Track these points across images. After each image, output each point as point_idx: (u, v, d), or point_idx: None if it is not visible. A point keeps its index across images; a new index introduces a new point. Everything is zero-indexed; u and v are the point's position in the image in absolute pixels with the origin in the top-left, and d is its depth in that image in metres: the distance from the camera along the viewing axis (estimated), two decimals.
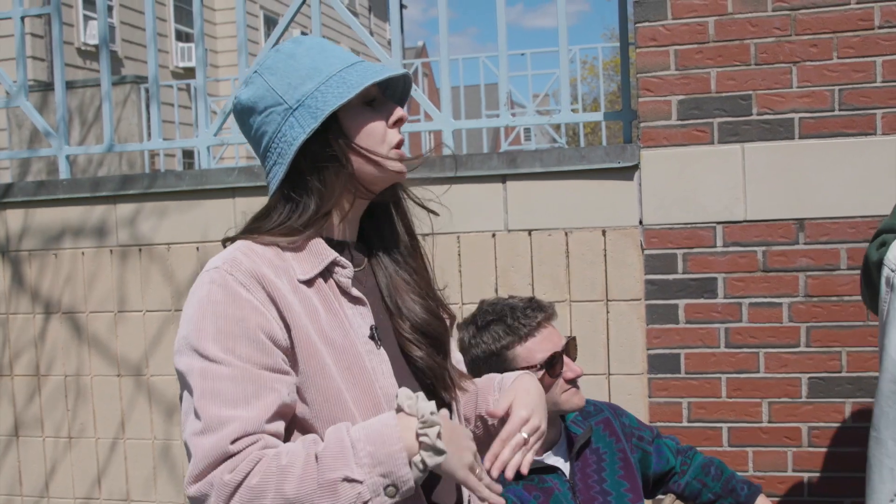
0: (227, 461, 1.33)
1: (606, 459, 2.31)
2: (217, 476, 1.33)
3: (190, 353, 1.41)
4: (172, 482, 3.74)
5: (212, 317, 1.41)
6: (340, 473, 1.32)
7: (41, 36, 12.17)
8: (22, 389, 3.93)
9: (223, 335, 1.40)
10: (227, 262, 1.45)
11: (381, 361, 1.51)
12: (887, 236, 2.08)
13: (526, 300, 2.27)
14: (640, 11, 3.12)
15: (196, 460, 1.35)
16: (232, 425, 1.35)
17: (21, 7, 4.08)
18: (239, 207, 3.56)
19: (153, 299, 3.72)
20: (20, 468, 3.96)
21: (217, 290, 1.43)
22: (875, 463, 1.98)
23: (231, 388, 1.37)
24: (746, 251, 3.08)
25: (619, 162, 3.18)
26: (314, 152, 1.50)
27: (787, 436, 3.10)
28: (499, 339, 2.19)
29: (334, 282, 1.52)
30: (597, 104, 21.08)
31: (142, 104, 9.33)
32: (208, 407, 1.36)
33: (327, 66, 1.51)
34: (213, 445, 1.34)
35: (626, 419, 2.46)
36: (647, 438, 2.45)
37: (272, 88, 1.52)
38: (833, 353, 3.04)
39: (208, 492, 1.33)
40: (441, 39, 3.62)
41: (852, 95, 2.98)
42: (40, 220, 3.86)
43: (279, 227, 1.51)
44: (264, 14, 18.66)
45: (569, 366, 2.22)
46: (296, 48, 1.55)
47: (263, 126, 1.54)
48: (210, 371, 1.38)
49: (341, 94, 1.47)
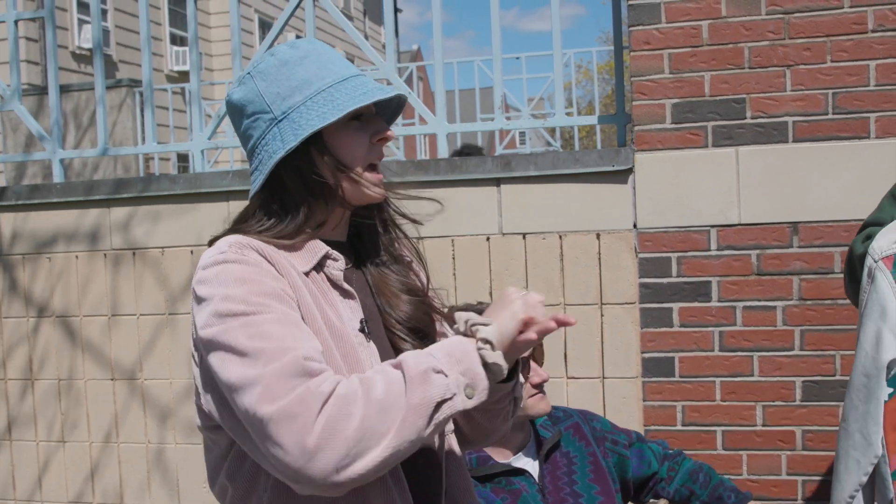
0: (314, 378, 1.31)
1: (577, 463, 2.32)
2: (306, 385, 1.29)
3: (222, 320, 1.36)
4: (166, 486, 3.73)
5: (236, 283, 1.39)
6: (429, 364, 1.33)
7: (35, 40, 12.15)
8: (15, 392, 3.92)
9: (253, 294, 1.38)
10: (233, 246, 1.45)
11: (370, 354, 1.53)
12: (873, 229, 2.09)
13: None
14: (634, 15, 3.13)
15: (269, 384, 1.29)
16: (299, 347, 1.33)
17: (15, 11, 4.07)
18: (233, 211, 3.54)
19: (147, 303, 3.72)
20: (13, 471, 3.95)
21: (234, 266, 1.41)
22: (843, 454, 2.02)
23: (280, 330, 1.35)
24: (740, 255, 3.08)
25: (614, 165, 3.18)
26: (296, 165, 1.51)
27: (782, 439, 3.10)
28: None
29: (325, 275, 1.54)
30: (591, 107, 21.11)
31: (136, 108, 9.32)
32: (263, 345, 1.32)
33: (318, 80, 1.51)
34: (286, 365, 1.30)
35: (598, 424, 2.47)
36: (623, 442, 2.45)
37: (261, 94, 1.52)
38: (827, 357, 3.04)
39: (297, 412, 1.27)
40: (435, 43, 3.62)
41: (846, 99, 2.99)
42: (34, 223, 3.85)
43: (268, 231, 1.52)
44: (259, 17, 18.66)
45: (535, 370, 2.24)
46: (291, 54, 1.55)
47: (250, 129, 1.55)
48: (252, 320, 1.35)
49: (324, 116, 1.47)
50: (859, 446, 1.97)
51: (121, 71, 14.35)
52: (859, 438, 1.98)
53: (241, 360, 1.33)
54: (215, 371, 1.37)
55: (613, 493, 2.33)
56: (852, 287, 2.12)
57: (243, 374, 1.32)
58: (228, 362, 1.34)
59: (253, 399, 1.29)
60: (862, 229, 2.17)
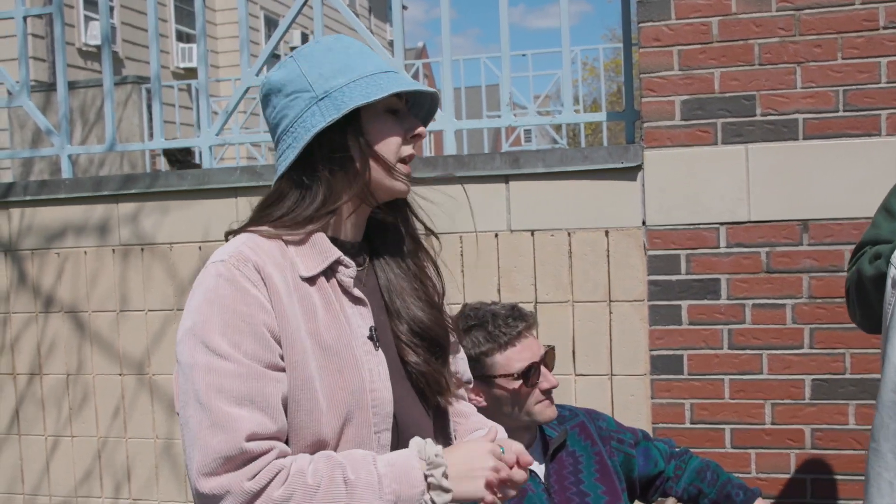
0: (246, 466, 1.34)
1: (583, 462, 2.31)
2: (235, 480, 1.33)
3: (195, 345, 1.41)
4: (174, 480, 3.74)
5: (219, 310, 1.41)
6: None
7: (42, 36, 12.16)
8: (23, 387, 3.92)
9: (230, 329, 1.40)
10: (234, 256, 1.45)
11: (378, 363, 1.51)
12: (882, 247, 2.00)
13: (508, 307, 2.26)
14: (644, 11, 3.12)
15: (206, 457, 1.34)
16: (244, 424, 1.35)
17: (24, 7, 4.07)
18: (241, 207, 3.56)
19: (155, 298, 3.72)
20: (22, 466, 3.95)
21: (224, 284, 1.43)
22: (873, 476, 1.93)
23: (238, 386, 1.37)
24: (750, 252, 3.07)
25: (623, 162, 3.17)
26: (330, 145, 1.51)
27: (791, 437, 3.09)
28: (478, 346, 2.20)
29: (336, 281, 1.52)
30: (596, 105, 21.09)
31: (143, 104, 9.33)
32: (216, 402, 1.36)
33: (362, 67, 1.52)
34: (224, 443, 1.34)
35: (604, 423, 2.46)
36: (629, 441, 2.44)
37: (303, 74, 1.53)
38: (837, 355, 3.04)
39: (223, 495, 1.33)
40: (443, 40, 3.61)
41: (857, 96, 2.98)
42: (42, 219, 3.85)
43: (287, 215, 1.51)
44: (265, 15, 18.66)
45: (545, 377, 2.23)
46: (335, 43, 1.57)
47: (286, 109, 1.54)
48: (216, 366, 1.38)
49: (368, 94, 1.48)
50: (892, 467, 1.89)
51: (127, 68, 14.35)
52: (892, 459, 1.89)
53: (191, 393, 1.39)
54: (177, 389, 1.45)
55: (619, 493, 2.32)
56: (862, 311, 2.04)
57: (187, 403, 1.39)
58: (187, 379, 1.40)
59: (193, 459, 1.36)
60: (857, 250, 2.08)
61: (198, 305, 1.43)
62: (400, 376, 1.55)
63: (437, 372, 1.60)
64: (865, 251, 2.04)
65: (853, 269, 2.06)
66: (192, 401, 1.38)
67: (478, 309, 2.27)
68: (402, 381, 1.55)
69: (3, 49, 9.78)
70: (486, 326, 2.21)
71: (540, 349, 2.24)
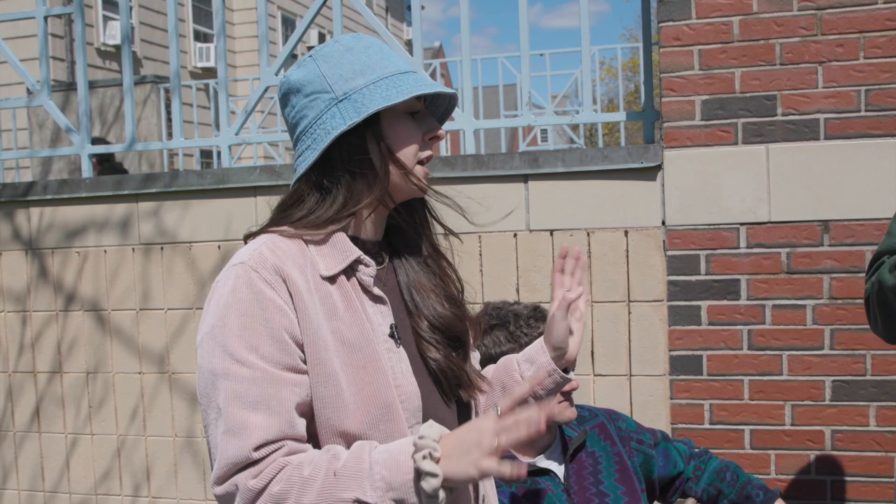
0: (251, 467, 1.36)
1: (602, 462, 2.30)
2: (241, 480, 1.36)
3: (213, 349, 1.42)
4: (193, 477, 3.75)
5: (237, 314, 1.42)
6: (353, 494, 1.33)
7: (61, 36, 12.24)
8: (44, 385, 3.95)
9: (247, 333, 1.41)
10: (253, 258, 1.46)
11: (399, 360, 1.51)
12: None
13: (531, 308, 2.26)
14: (664, 11, 3.11)
15: (220, 462, 1.38)
16: (255, 432, 1.37)
17: (44, 7, 4.10)
18: (260, 206, 3.57)
19: (175, 296, 3.74)
20: (42, 462, 3.98)
21: (243, 287, 1.43)
22: None
23: (253, 391, 1.39)
24: (770, 253, 3.06)
25: (642, 162, 3.16)
26: (350, 147, 1.51)
27: (811, 439, 3.08)
28: (499, 345, 2.19)
29: (356, 280, 1.52)
30: (613, 105, 21.05)
31: (161, 104, 9.37)
32: (231, 408, 1.38)
33: (381, 68, 1.52)
34: (236, 450, 1.37)
35: (623, 423, 2.44)
36: (649, 442, 2.43)
37: (323, 75, 1.52)
38: (857, 357, 3.02)
39: (234, 493, 1.36)
40: (462, 39, 3.61)
41: (879, 96, 2.96)
42: (63, 217, 3.88)
43: (307, 217, 1.52)
44: (282, 14, 18.71)
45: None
46: (355, 43, 1.56)
47: (305, 110, 1.54)
48: (233, 372, 1.40)
49: (389, 97, 1.48)
50: None
51: (145, 68, 14.42)
52: None
53: (211, 397, 1.42)
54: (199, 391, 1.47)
55: (639, 493, 2.31)
56: (884, 321, 1.99)
57: (209, 407, 1.43)
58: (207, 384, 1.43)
59: (213, 463, 1.41)
60: (875, 260, 2.04)
61: (216, 309, 1.44)
62: (422, 372, 1.56)
63: (457, 367, 1.60)
64: (884, 261, 2.02)
65: (872, 280, 2.03)
66: (212, 405, 1.41)
67: (500, 308, 2.27)
68: (423, 378, 1.55)
69: (22, 49, 9.84)
70: (508, 326, 2.21)
71: None
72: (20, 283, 3.95)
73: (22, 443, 4.01)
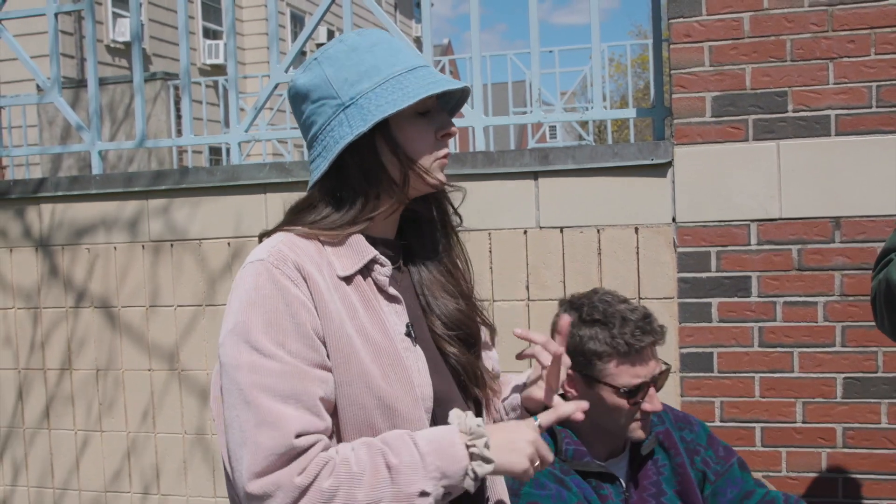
0: (296, 461, 1.32)
1: (664, 473, 2.19)
2: (286, 477, 1.31)
3: (238, 345, 1.39)
4: (204, 474, 3.76)
5: (261, 310, 1.39)
6: (417, 487, 1.35)
7: (70, 33, 12.27)
8: (54, 382, 3.96)
9: (273, 328, 1.38)
10: (273, 255, 1.44)
11: (417, 359, 1.50)
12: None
13: (641, 315, 2.09)
14: (674, 7, 3.10)
15: (257, 455, 1.32)
16: (293, 422, 1.34)
17: (55, 3, 4.11)
18: (270, 203, 3.57)
19: (184, 294, 3.74)
20: (51, 459, 3.99)
21: (265, 283, 1.41)
22: None
23: (283, 384, 1.36)
24: (781, 249, 3.05)
25: (652, 159, 3.15)
26: (361, 153, 1.49)
27: (822, 436, 3.07)
28: (595, 343, 2.07)
29: (372, 279, 1.51)
30: (623, 101, 21.00)
31: (171, 101, 9.38)
32: (262, 400, 1.34)
33: (387, 67, 1.48)
34: (275, 440, 1.32)
35: (692, 435, 2.28)
36: (716, 468, 2.25)
37: (328, 80, 1.49)
38: (869, 354, 3.01)
39: (273, 492, 1.31)
40: (473, 36, 3.61)
41: (890, 92, 2.95)
42: (73, 214, 3.88)
43: (321, 221, 1.50)
44: (291, 11, 18.72)
45: (651, 399, 2.09)
46: (360, 41, 1.52)
47: (314, 115, 1.52)
48: (260, 365, 1.36)
49: (395, 102, 1.45)
50: None
51: (154, 65, 14.45)
52: None
53: (236, 393, 1.37)
54: (214, 392, 1.47)
55: None
56: (891, 319, 1.93)
57: (234, 404, 1.37)
58: (230, 380, 1.39)
59: (242, 459, 1.34)
60: (882, 258, 1.99)
61: (239, 306, 1.42)
62: (441, 370, 1.55)
63: (473, 364, 1.60)
64: (891, 258, 1.99)
65: (879, 278, 2.00)
66: (238, 401, 1.36)
67: (609, 303, 2.12)
68: (443, 375, 1.55)
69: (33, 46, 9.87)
70: (611, 328, 2.07)
71: (657, 367, 2.10)
72: (31, 280, 3.96)
73: (32, 440, 4.02)
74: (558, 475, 2.07)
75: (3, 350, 4.02)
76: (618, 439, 2.16)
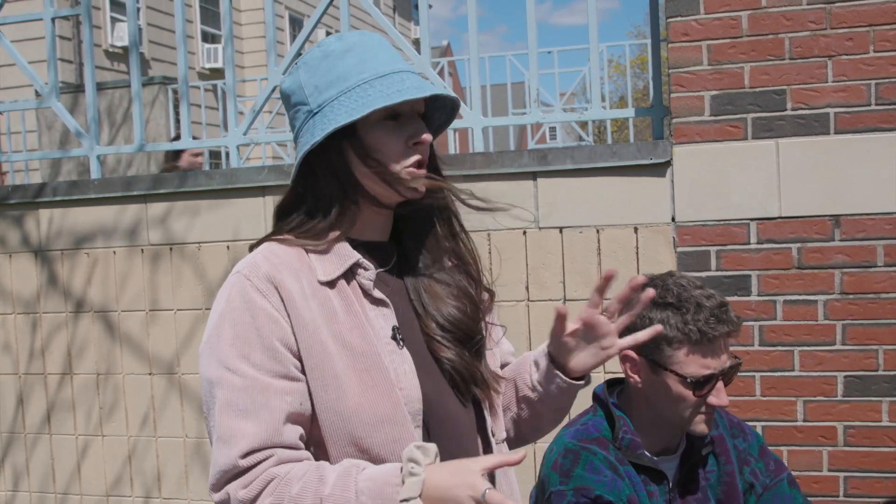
0: (241, 477, 1.39)
1: (711, 479, 2.09)
2: (232, 490, 1.40)
3: (209, 359, 1.46)
4: (204, 480, 3.75)
5: (230, 322, 1.45)
6: None
7: (68, 38, 12.26)
8: (54, 387, 3.95)
9: (239, 340, 1.44)
10: (247, 267, 1.49)
11: (402, 361, 1.50)
12: None
13: (718, 303, 1.95)
14: (672, 6, 3.09)
15: (213, 470, 1.43)
16: (242, 440, 1.40)
17: (52, 8, 4.10)
18: (269, 206, 3.56)
19: (184, 298, 3.74)
20: (53, 464, 3.99)
21: (236, 297, 1.46)
22: None
23: (243, 399, 1.42)
24: (781, 248, 3.05)
25: (651, 158, 3.15)
26: (328, 160, 1.51)
27: (823, 435, 3.06)
28: (666, 327, 1.92)
29: (357, 283, 1.52)
30: (623, 102, 21.00)
31: (170, 105, 9.38)
32: (222, 416, 1.42)
33: (356, 74, 1.48)
34: (225, 458, 1.40)
35: (745, 444, 2.16)
36: (763, 481, 2.13)
37: (303, 86, 1.52)
38: (870, 352, 3.00)
39: (227, 501, 1.41)
40: (471, 37, 3.60)
41: (889, 90, 2.94)
42: (73, 219, 3.88)
43: (299, 228, 1.53)
44: (290, 14, 18.72)
45: (718, 392, 1.96)
46: (335, 47, 1.52)
47: (293, 119, 1.57)
48: (226, 380, 1.43)
49: (351, 112, 1.45)
50: None
51: (153, 69, 14.45)
52: None
53: (210, 405, 1.46)
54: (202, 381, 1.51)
55: None
56: None
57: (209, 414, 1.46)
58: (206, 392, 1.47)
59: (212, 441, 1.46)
60: None
61: (213, 319, 1.49)
62: (433, 372, 1.55)
63: (470, 365, 1.58)
64: None
65: None
66: (211, 413, 1.46)
67: (684, 288, 1.98)
68: (435, 377, 1.54)
69: (31, 51, 9.87)
70: (685, 314, 1.93)
71: (726, 361, 1.97)
72: (30, 286, 3.96)
73: (33, 445, 4.01)
74: (613, 461, 1.97)
75: (3, 356, 4.02)
76: (676, 433, 2.06)
